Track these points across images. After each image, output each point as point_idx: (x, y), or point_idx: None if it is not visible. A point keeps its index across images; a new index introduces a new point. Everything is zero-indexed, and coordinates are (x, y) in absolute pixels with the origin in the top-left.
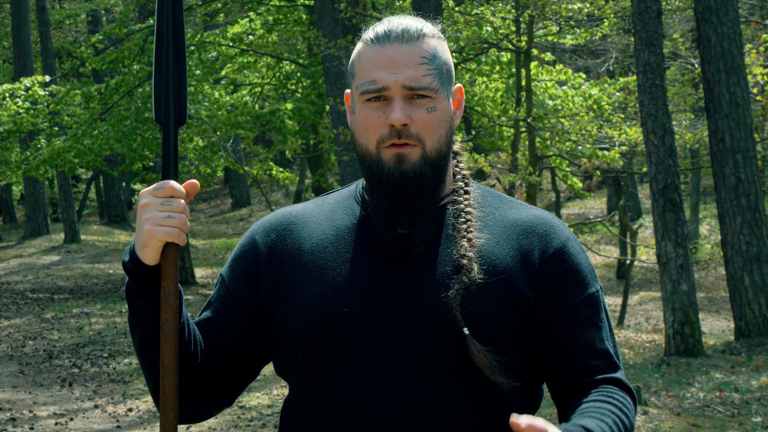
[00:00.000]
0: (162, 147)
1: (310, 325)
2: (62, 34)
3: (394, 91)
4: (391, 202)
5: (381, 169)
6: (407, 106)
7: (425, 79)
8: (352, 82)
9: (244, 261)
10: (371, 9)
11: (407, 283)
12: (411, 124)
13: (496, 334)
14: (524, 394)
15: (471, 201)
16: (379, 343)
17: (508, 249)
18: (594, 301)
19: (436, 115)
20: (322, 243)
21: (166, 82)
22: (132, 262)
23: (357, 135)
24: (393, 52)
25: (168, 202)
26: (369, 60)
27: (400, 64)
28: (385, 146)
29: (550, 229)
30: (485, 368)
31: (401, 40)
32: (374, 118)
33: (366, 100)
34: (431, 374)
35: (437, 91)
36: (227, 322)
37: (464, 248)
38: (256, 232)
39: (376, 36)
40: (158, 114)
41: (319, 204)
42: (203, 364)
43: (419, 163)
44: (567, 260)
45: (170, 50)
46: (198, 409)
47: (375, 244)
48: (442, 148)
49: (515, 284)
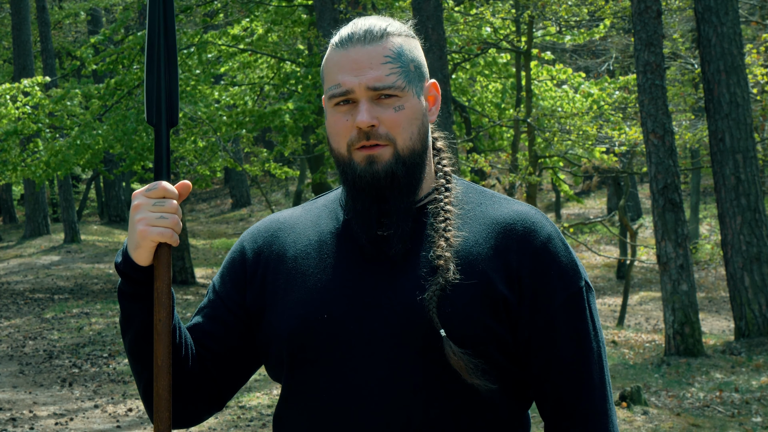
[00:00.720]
0: (154, 148)
1: (293, 331)
2: (62, 34)
3: (359, 93)
4: (366, 203)
5: (353, 171)
6: (374, 107)
7: (389, 78)
8: (323, 89)
9: (232, 267)
10: (371, 9)
11: (386, 285)
12: (379, 124)
13: (473, 336)
14: (509, 393)
15: (451, 199)
16: (359, 346)
17: (487, 248)
18: (577, 301)
19: (405, 113)
20: (305, 249)
21: (158, 83)
22: (125, 263)
23: (330, 140)
24: (356, 54)
25: (160, 202)
26: (334, 64)
27: (363, 65)
28: (355, 148)
29: (531, 226)
30: (461, 371)
31: (364, 41)
32: (343, 122)
33: (334, 105)
34: (411, 376)
35: (404, 89)
36: (217, 326)
37: (441, 248)
38: (245, 239)
39: (341, 39)
40: (150, 115)
41: (307, 209)
42: (194, 368)
43: (391, 163)
44: (547, 259)
45: (161, 52)
46: (189, 414)
47: (355, 248)
48: (416, 146)
49: (492, 283)
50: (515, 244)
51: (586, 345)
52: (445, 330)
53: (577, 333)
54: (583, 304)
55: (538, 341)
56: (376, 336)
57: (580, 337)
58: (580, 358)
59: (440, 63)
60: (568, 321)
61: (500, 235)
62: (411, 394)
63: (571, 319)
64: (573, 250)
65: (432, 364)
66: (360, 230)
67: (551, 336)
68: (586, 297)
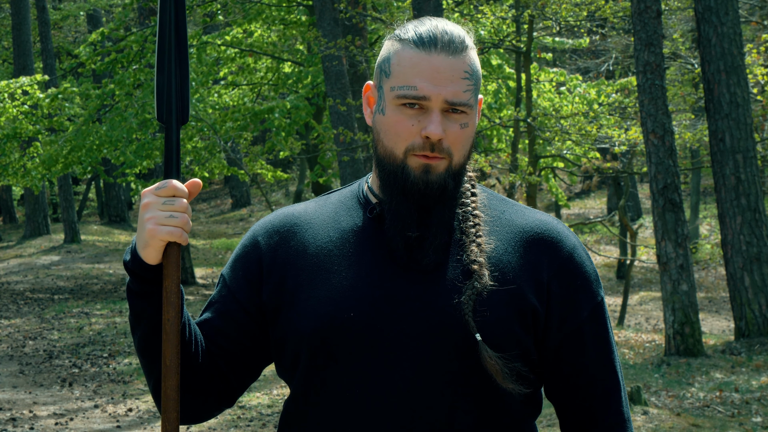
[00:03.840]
0: (164, 146)
1: (316, 330)
2: (62, 34)
3: (434, 103)
4: (410, 209)
5: (406, 176)
6: (444, 120)
7: (465, 95)
8: (383, 80)
9: (246, 262)
10: (371, 9)
11: (415, 288)
12: (444, 138)
13: (504, 343)
14: (527, 399)
15: (478, 204)
16: (385, 349)
17: (517, 257)
18: (600, 311)
19: (468, 131)
20: (326, 246)
21: (169, 80)
22: (133, 262)
23: (383, 136)
24: (439, 62)
25: (170, 201)
26: (411, 64)
27: (444, 76)
28: (414, 154)
29: (557, 237)
30: (497, 375)
31: (447, 50)
32: (407, 125)
33: (401, 104)
34: (437, 381)
35: (472, 107)
36: (229, 323)
37: (474, 253)
38: (258, 233)
39: (420, 39)
40: (161, 113)
41: (321, 204)
42: (204, 365)
43: (444, 176)
44: (575, 270)
45: (172, 49)
46: (199, 410)
47: (382, 249)
48: (465, 162)
49: (523, 293)
50: (544, 256)
51: (609, 353)
52: (479, 335)
53: (602, 342)
54: (605, 314)
55: (566, 351)
56: (403, 337)
57: (605, 346)
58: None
59: None
60: (593, 331)
61: (527, 244)
62: (437, 397)
63: (596, 329)
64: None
65: (460, 369)
66: (396, 233)
67: (579, 346)
68: (605, 307)
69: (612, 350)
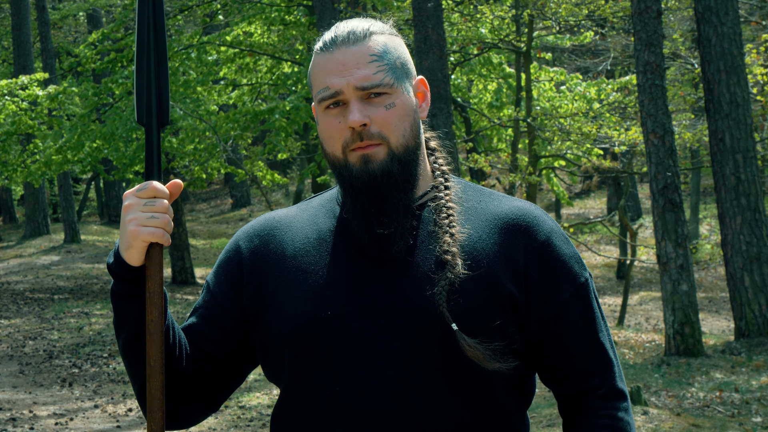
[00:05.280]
0: (145, 148)
1: (295, 329)
2: (62, 34)
3: (348, 94)
4: (364, 203)
5: (349, 172)
6: (365, 107)
7: (377, 77)
8: (312, 93)
9: (228, 267)
10: (371, 9)
11: (389, 282)
12: (371, 123)
13: (482, 330)
14: (515, 389)
15: (452, 196)
16: (364, 343)
17: (491, 244)
18: (584, 292)
19: (396, 111)
20: (305, 247)
21: (148, 83)
22: (116, 264)
23: (324, 144)
24: (341, 56)
25: (151, 202)
26: (320, 68)
27: (349, 66)
28: (350, 150)
29: (533, 221)
30: (480, 360)
31: (348, 42)
32: (335, 125)
33: (325, 108)
34: (417, 372)
35: (392, 86)
36: (213, 327)
37: (447, 244)
38: (240, 238)
39: (324, 43)
40: (140, 115)
41: (303, 208)
42: (189, 369)
43: (386, 161)
44: (552, 254)
45: (151, 51)
46: (184, 415)
47: (356, 245)
48: (409, 143)
49: (499, 280)
50: (519, 240)
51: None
52: (455, 324)
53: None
54: (590, 294)
55: (551, 333)
56: (382, 332)
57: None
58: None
59: (440, 63)
60: (578, 311)
61: (503, 230)
62: (420, 390)
63: (581, 309)
64: (572, 242)
65: (440, 359)
66: (361, 230)
67: (563, 327)
68: (591, 287)
69: (600, 329)
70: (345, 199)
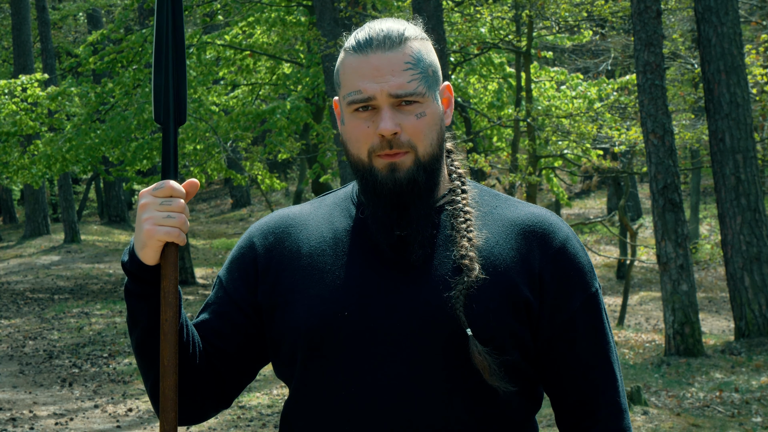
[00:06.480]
0: (162, 147)
1: (310, 328)
2: (62, 34)
3: (380, 101)
4: (386, 209)
5: (374, 177)
6: (396, 114)
7: (411, 85)
8: (339, 92)
9: (242, 263)
10: (371, 9)
11: (407, 285)
12: (401, 132)
13: (496, 335)
14: (525, 394)
15: (469, 200)
16: (378, 345)
17: (508, 249)
18: (594, 301)
19: (426, 120)
20: (320, 246)
21: (166, 81)
22: (131, 262)
23: (348, 145)
24: (376, 60)
25: (167, 201)
26: (353, 69)
27: (384, 72)
28: (377, 155)
29: (549, 228)
30: (484, 371)
31: (383, 46)
32: (363, 129)
33: (354, 110)
34: (431, 375)
35: (425, 95)
36: (225, 323)
37: (465, 248)
38: (254, 234)
39: (358, 44)
40: (158, 114)
41: (317, 206)
42: (201, 366)
43: (413, 170)
44: (567, 261)
45: (170, 49)
46: (196, 411)
47: (374, 247)
48: (435, 152)
49: (515, 285)
50: (536, 246)
51: (604, 343)
52: (470, 329)
53: (596, 332)
54: (599, 305)
55: (559, 342)
56: (397, 334)
57: (599, 336)
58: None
59: (440, 63)
60: (587, 321)
61: (519, 236)
62: (432, 393)
63: (590, 319)
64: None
65: (454, 363)
66: (380, 235)
67: (572, 336)
68: (601, 298)
69: (607, 341)
70: (365, 202)
